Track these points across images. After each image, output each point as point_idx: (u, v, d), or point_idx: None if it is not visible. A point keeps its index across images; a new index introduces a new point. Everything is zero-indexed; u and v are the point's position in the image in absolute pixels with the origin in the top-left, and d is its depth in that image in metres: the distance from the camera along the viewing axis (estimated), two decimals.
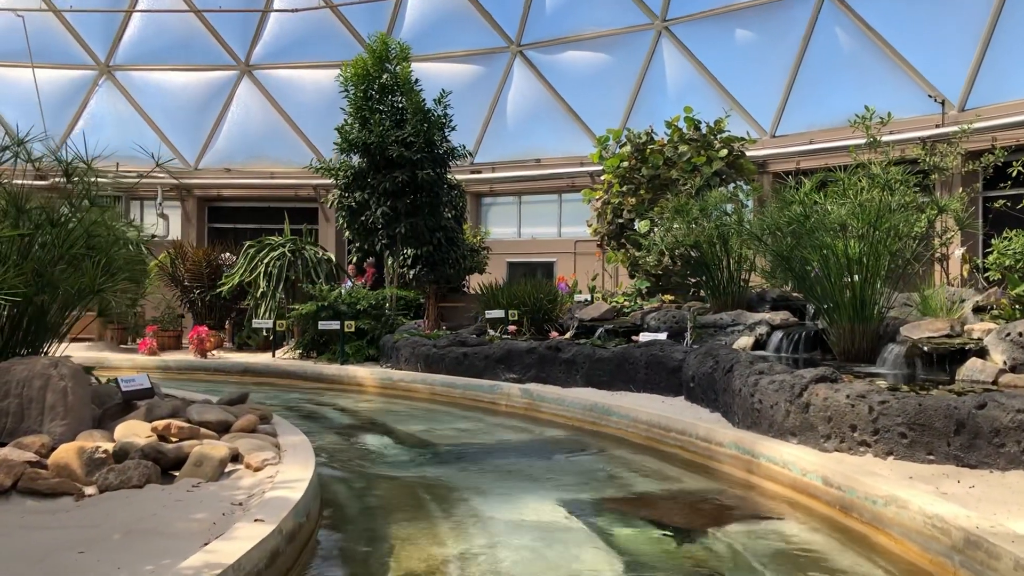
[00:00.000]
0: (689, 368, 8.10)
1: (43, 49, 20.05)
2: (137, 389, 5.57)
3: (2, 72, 20.56)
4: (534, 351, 9.71)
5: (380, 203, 13.26)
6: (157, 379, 12.43)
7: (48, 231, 5.93)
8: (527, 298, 12.59)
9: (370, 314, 12.42)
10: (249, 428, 5.56)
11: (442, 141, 13.78)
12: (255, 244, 14.20)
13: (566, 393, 8.59)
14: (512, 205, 20.22)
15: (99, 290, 5.90)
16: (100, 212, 6.44)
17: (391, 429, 8.13)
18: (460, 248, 15.00)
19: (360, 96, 13.54)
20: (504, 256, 19.21)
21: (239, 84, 20.88)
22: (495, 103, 19.75)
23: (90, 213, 6.32)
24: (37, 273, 5.65)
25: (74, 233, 6.06)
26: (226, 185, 20.96)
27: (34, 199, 6.49)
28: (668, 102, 17.20)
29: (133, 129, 21.11)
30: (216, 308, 14.86)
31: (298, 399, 10.27)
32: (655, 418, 7.11)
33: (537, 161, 19.32)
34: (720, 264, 11.22)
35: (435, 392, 10.02)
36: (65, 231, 6.01)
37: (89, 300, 6.18)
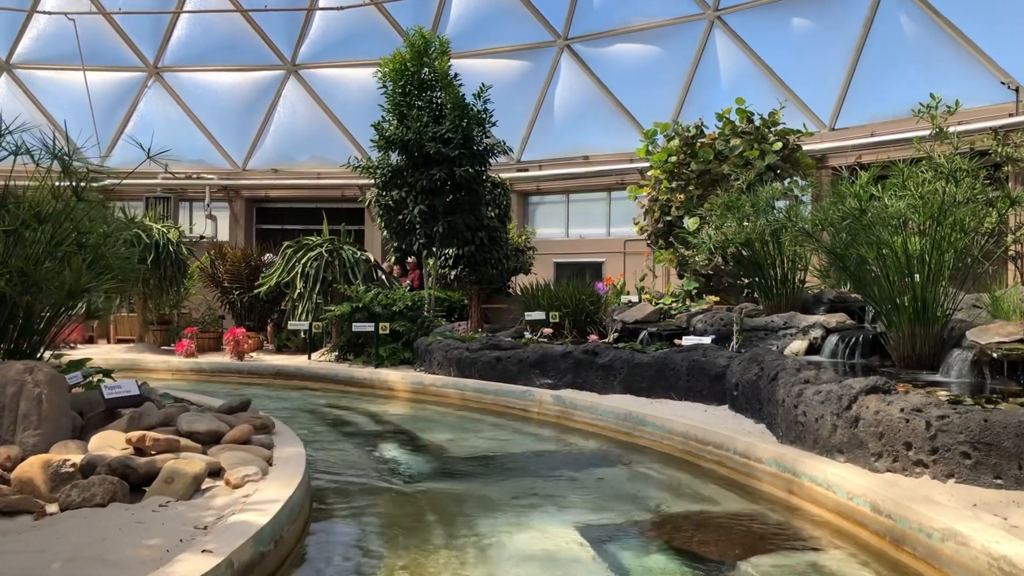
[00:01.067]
0: (733, 375, 7.49)
1: (93, 52, 20.17)
2: (123, 396, 5.21)
3: (55, 75, 20.74)
4: (569, 355, 9.19)
5: (417, 201, 12.86)
6: (187, 382, 12.28)
7: (34, 228, 5.60)
8: (569, 299, 12.08)
9: (405, 316, 12.02)
10: (242, 439, 5.16)
11: (482, 137, 13.33)
12: (293, 244, 13.93)
13: (600, 401, 8.05)
14: (560, 204, 19.67)
15: (83, 290, 5.55)
16: (88, 207, 6.01)
17: (414, 438, 7.69)
18: (503, 248, 14.53)
19: (398, 92, 13.18)
20: (551, 256, 18.69)
21: (285, 84, 20.75)
22: (542, 99, 19.24)
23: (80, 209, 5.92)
24: (22, 272, 5.32)
25: (62, 230, 5.72)
26: (273, 186, 20.86)
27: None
28: (721, 95, 16.47)
29: (182, 130, 21.17)
30: (256, 309, 14.64)
31: (325, 404, 9.91)
32: (691, 430, 6.53)
33: (585, 158, 18.75)
34: (773, 263, 10.56)
35: (466, 398, 9.56)
36: (52, 228, 5.67)
37: (79, 301, 5.85)
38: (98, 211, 6.29)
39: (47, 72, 20.77)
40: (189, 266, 15.25)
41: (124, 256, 6.07)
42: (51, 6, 20.00)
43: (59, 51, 20.27)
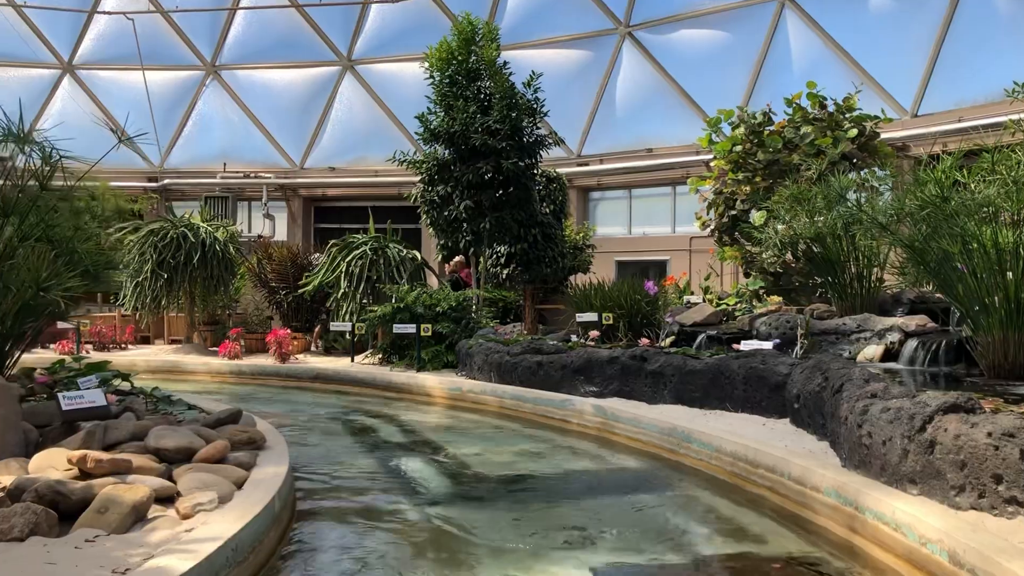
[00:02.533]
0: (794, 384, 6.63)
1: (152, 51, 20.13)
2: (84, 407, 4.67)
3: (116, 76, 20.79)
4: (616, 361, 8.41)
5: (464, 196, 12.23)
6: (226, 385, 11.88)
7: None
8: (623, 300, 11.28)
9: (449, 317, 11.39)
10: (215, 457, 4.57)
11: (532, 128, 12.62)
12: (338, 243, 13.45)
13: (645, 413, 7.26)
14: (622, 200, 18.81)
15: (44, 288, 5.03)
16: (54, 198, 5.50)
17: (439, 451, 7.02)
18: (559, 245, 13.77)
19: (445, 82, 12.57)
20: (613, 254, 17.86)
21: (342, 80, 20.38)
22: (602, 90, 18.40)
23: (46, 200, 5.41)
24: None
25: (27, 223, 5.22)
26: (330, 184, 20.52)
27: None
28: (793, 82, 15.36)
29: (240, 129, 21.04)
30: (303, 310, 14.21)
31: (356, 410, 9.35)
32: (740, 449, 5.70)
33: (649, 151, 17.85)
34: (846, 260, 9.60)
35: (504, 406, 8.86)
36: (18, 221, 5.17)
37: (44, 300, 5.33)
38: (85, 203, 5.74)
39: (108, 72, 20.83)
40: (237, 266, 14.93)
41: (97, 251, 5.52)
42: (110, 6, 20.03)
43: (119, 51, 20.29)
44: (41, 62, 20.55)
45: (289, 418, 8.73)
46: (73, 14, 20.12)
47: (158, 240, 13.94)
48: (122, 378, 8.17)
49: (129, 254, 14.27)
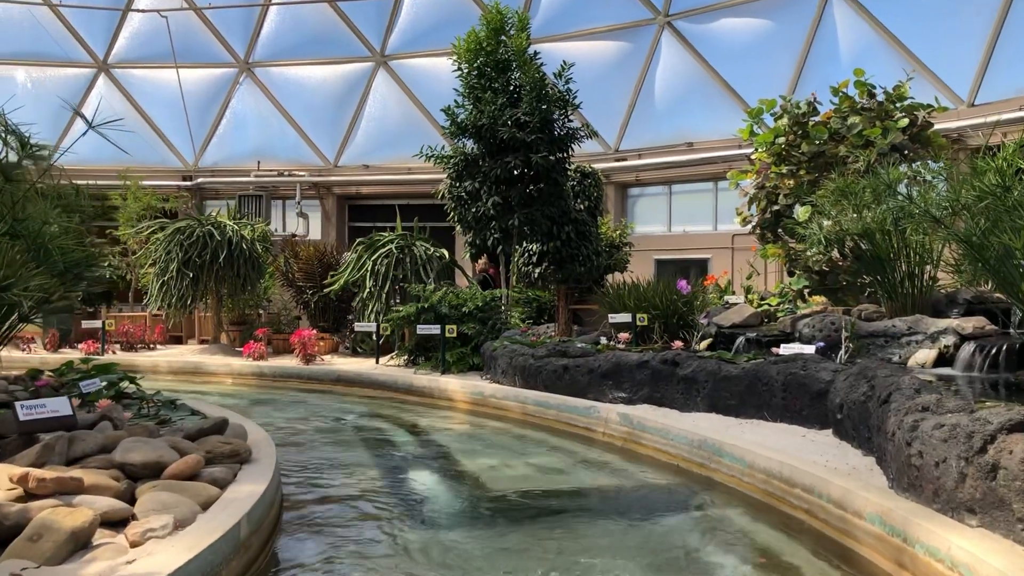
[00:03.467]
0: (837, 393, 6.05)
1: (186, 49, 19.98)
2: (45, 418, 4.28)
3: (150, 74, 20.69)
4: (646, 365, 7.88)
5: (491, 192, 11.75)
6: (247, 388, 11.56)
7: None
8: (659, 300, 10.71)
9: (475, 317, 10.93)
10: (186, 473, 4.15)
11: (564, 120, 12.09)
12: (364, 241, 13.08)
13: (674, 422, 6.71)
14: (661, 196, 18.17)
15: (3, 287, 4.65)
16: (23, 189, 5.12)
17: (453, 463, 6.56)
18: (594, 243, 13.22)
19: (473, 74, 12.10)
20: (652, 253, 17.25)
21: (375, 76, 20.02)
22: (641, 82, 17.78)
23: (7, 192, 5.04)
24: None
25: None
26: (364, 182, 20.18)
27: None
28: (840, 72, 14.62)
29: (274, 127, 20.80)
30: (330, 309, 13.87)
31: (373, 416, 8.95)
32: (775, 465, 5.14)
33: (689, 145, 17.20)
34: (897, 257, 8.93)
35: (527, 412, 8.38)
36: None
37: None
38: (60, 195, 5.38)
39: (142, 71, 20.73)
40: (266, 265, 14.64)
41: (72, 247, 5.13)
42: (144, 4, 19.92)
43: (153, 50, 20.18)
44: (76, 61, 20.52)
45: (300, 423, 8.35)
46: (107, 13, 20.05)
47: (184, 238, 13.71)
48: (129, 380, 7.87)
49: (155, 253, 14.08)
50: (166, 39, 19.65)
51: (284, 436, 7.55)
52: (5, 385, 7.65)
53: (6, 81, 20.52)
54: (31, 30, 19.71)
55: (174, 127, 20.81)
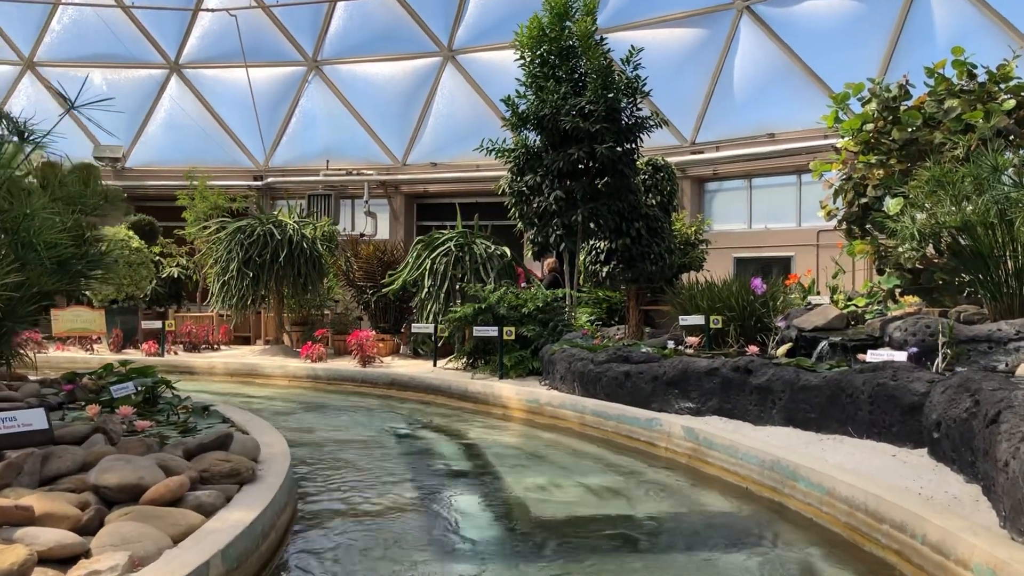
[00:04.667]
0: (934, 408, 5.22)
1: (255, 48, 19.92)
2: (16, 432, 3.81)
3: (220, 74, 20.69)
4: (716, 373, 7.13)
5: (554, 186, 11.11)
6: (301, 391, 11.17)
7: None
8: (735, 300, 9.92)
9: (535, 319, 10.31)
10: (166, 498, 3.63)
11: (632, 109, 11.37)
12: (423, 239, 12.58)
13: (743, 439, 5.95)
14: (741, 190, 17.21)
15: None
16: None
17: (499, 483, 5.90)
18: (666, 240, 12.48)
19: (536, 62, 11.49)
20: (731, 250, 16.34)
21: (443, 71, 19.58)
22: (718, 71, 16.86)
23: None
24: None
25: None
26: (431, 180, 19.76)
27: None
28: (936, 52, 13.44)
29: (343, 126, 20.59)
30: (391, 310, 13.42)
31: (421, 423, 8.40)
32: (860, 495, 4.37)
33: (770, 136, 16.22)
34: (1002, 253, 7.96)
35: (584, 423, 7.70)
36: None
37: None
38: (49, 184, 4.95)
39: (213, 71, 20.75)
40: (328, 264, 14.29)
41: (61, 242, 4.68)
42: (214, 3, 19.91)
43: (223, 49, 20.17)
44: (149, 62, 20.66)
45: (342, 431, 7.86)
46: (178, 13, 20.11)
47: (244, 237, 13.44)
48: (165, 384, 7.50)
49: (216, 252, 13.87)
50: (235, 38, 19.60)
51: (319, 447, 7.07)
52: (37, 388, 7.36)
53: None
54: (105, 32, 19.89)
55: (245, 127, 20.78)
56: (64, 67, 20.58)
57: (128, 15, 20.03)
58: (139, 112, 20.79)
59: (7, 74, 20.37)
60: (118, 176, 20.44)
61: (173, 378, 12.03)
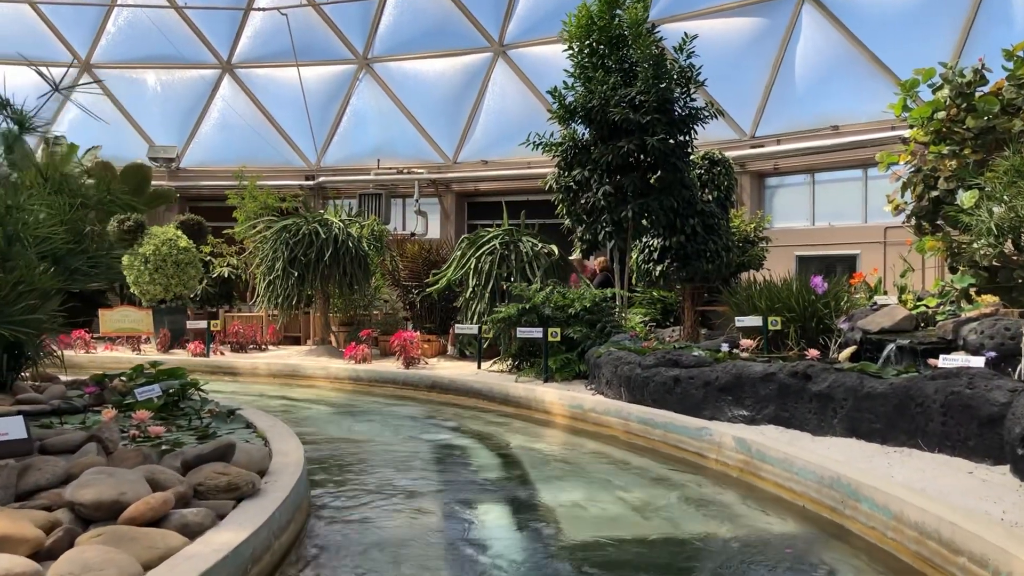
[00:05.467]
0: (1017, 420, 4.66)
1: (306, 46, 19.82)
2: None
3: (272, 73, 20.65)
4: (772, 378, 6.61)
5: (603, 181, 10.63)
6: (342, 394, 10.87)
7: None
8: (795, 300, 9.34)
9: (583, 319, 9.85)
10: (147, 517, 3.29)
11: (686, 100, 10.84)
12: (468, 237, 12.21)
13: (800, 452, 5.42)
14: (802, 186, 16.48)
15: None
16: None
17: (533, 498, 5.45)
18: (723, 238, 11.90)
19: (584, 52, 11.02)
20: (792, 248, 15.64)
21: (494, 67, 19.22)
22: (779, 62, 16.17)
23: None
24: None
25: None
26: (483, 178, 19.41)
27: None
28: (1015, 34, 12.72)
29: (393, 123, 20.38)
30: (436, 310, 13.08)
31: (459, 428, 8.01)
32: (932, 520, 3.84)
33: (834, 128, 15.48)
34: None
35: (630, 431, 7.23)
36: None
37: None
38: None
39: (265, 70, 20.72)
40: (374, 264, 14.02)
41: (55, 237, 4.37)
42: (265, 2, 19.85)
43: (275, 48, 20.12)
44: (202, 63, 20.71)
45: (374, 437, 7.52)
46: (230, 13, 20.11)
47: (290, 236, 13.23)
48: (192, 387, 7.26)
49: (262, 251, 13.72)
50: (287, 37, 19.51)
51: (346, 453, 6.75)
52: (63, 390, 7.17)
53: (138, 84, 20.96)
54: (159, 33, 19.99)
55: (296, 126, 20.71)
56: (119, 68, 20.76)
57: (181, 15, 20.09)
58: (192, 112, 20.86)
59: (65, 77, 20.59)
60: (172, 176, 20.54)
61: (215, 379, 11.97)
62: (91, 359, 12.89)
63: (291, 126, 20.76)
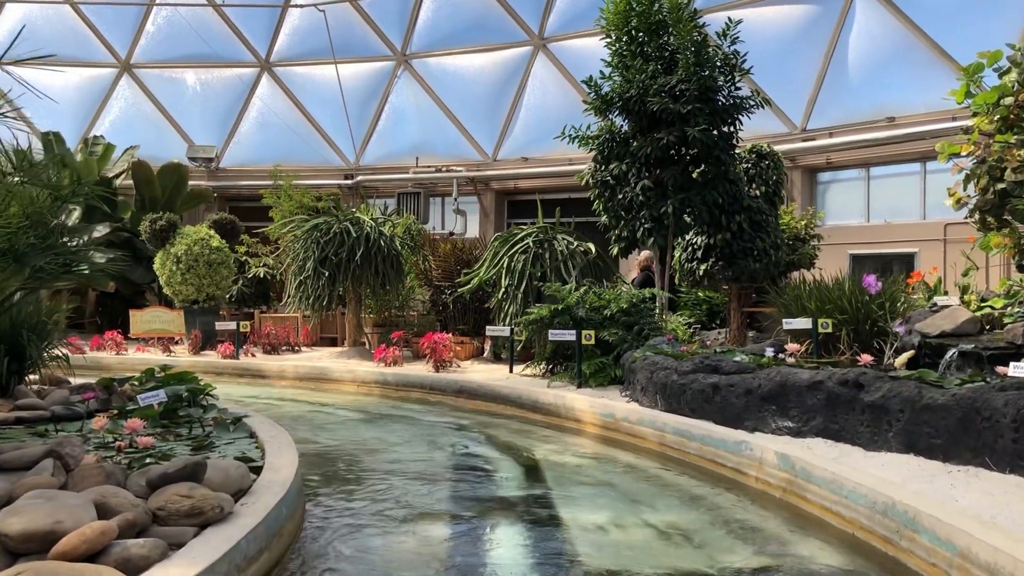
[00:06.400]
0: None
1: (344, 43, 19.54)
2: None
3: (310, 71, 20.41)
4: (820, 386, 6.01)
5: (641, 175, 10.07)
6: (371, 399, 10.44)
7: None
8: (848, 301, 8.69)
9: (619, 322, 9.30)
10: (80, 551, 2.86)
11: (730, 88, 10.23)
12: (501, 235, 11.74)
13: (851, 472, 4.83)
14: (857, 181, 15.69)
15: None
16: None
17: (552, 520, 4.92)
18: (771, 235, 11.27)
19: (623, 40, 10.48)
20: (845, 247, 14.88)
21: (533, 61, 18.71)
22: (831, 51, 15.39)
23: None
24: None
25: None
26: (523, 176, 18.90)
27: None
28: None
29: (432, 121, 19.99)
30: (470, 311, 12.62)
31: (483, 438, 7.54)
32: (1007, 561, 3.25)
33: (890, 120, 14.68)
34: None
35: (665, 443, 6.67)
36: None
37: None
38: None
39: (303, 68, 20.50)
40: (407, 264, 13.61)
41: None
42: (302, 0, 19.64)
43: (313, 46, 19.88)
44: (241, 61, 20.56)
45: (389, 448, 7.07)
46: (268, 11, 19.93)
47: (320, 235, 12.89)
48: (201, 392, 6.90)
49: (293, 250, 13.40)
50: (324, 34, 19.25)
51: (355, 466, 6.31)
52: (66, 395, 6.85)
53: (178, 84, 20.89)
54: (198, 33, 19.87)
55: (335, 125, 20.46)
56: (159, 68, 20.70)
57: (219, 14, 19.95)
58: (232, 112, 20.73)
59: (105, 77, 20.60)
60: (211, 176, 20.42)
61: (242, 382, 11.67)
62: (120, 361, 12.70)
63: (329, 124, 20.52)
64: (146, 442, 4.99)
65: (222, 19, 20.03)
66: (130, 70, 20.57)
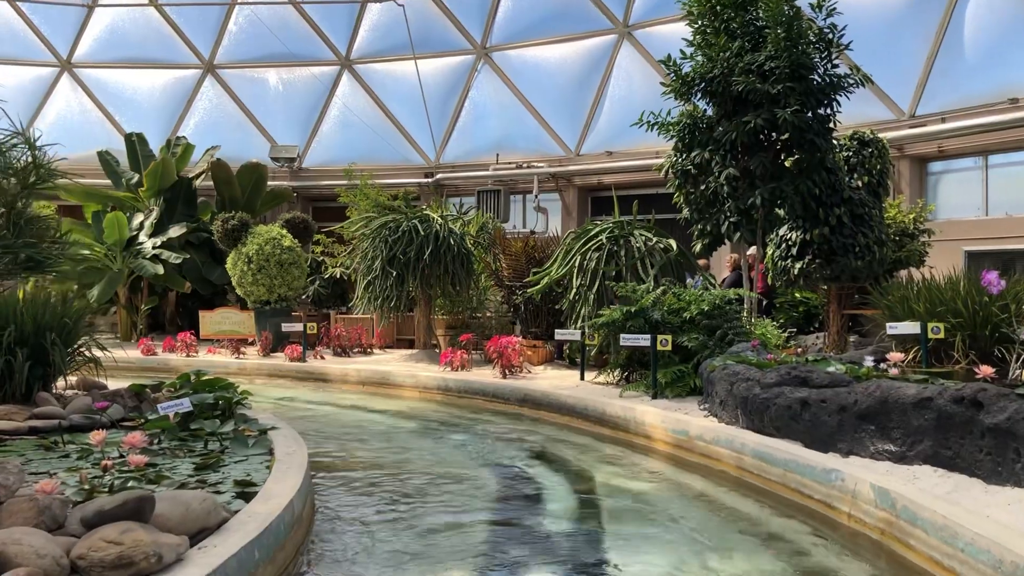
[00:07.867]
0: None
1: (423, 38, 19.05)
2: None
3: (390, 67, 20.01)
4: (928, 404, 5.02)
5: (726, 163, 9.12)
6: (431, 405, 9.78)
7: None
8: (961, 303, 7.57)
9: (700, 326, 8.38)
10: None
11: (827, 66, 9.18)
12: (574, 232, 10.94)
13: (968, 514, 3.87)
14: (974, 171, 14.23)
15: None
16: None
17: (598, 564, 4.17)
18: (875, 230, 10.15)
19: (705, 15, 9.55)
20: (960, 243, 13.48)
21: (618, 50, 17.79)
22: (943, 29, 13.98)
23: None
24: None
25: None
26: (606, 171, 17.98)
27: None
28: None
29: (513, 115, 19.33)
30: (542, 313, 11.84)
31: (540, 454, 6.78)
32: None
33: (1012, 102, 13.20)
34: None
35: (743, 466, 5.76)
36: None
37: None
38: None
39: (382, 64, 20.11)
40: (478, 262, 12.94)
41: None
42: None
43: (392, 42, 19.48)
44: (321, 60, 20.32)
45: (435, 464, 6.37)
46: (347, 7, 19.63)
47: (389, 234, 12.34)
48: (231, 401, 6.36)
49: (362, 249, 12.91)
50: (404, 29, 18.79)
51: (386, 490, 5.61)
52: (88, 404, 6.40)
53: (260, 84, 20.81)
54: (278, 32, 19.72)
55: (415, 122, 20.01)
56: (241, 68, 20.65)
57: (299, 11, 19.75)
58: (313, 111, 20.52)
59: (189, 78, 20.66)
60: (293, 176, 20.24)
61: (305, 387, 11.20)
62: (187, 363, 12.43)
63: (410, 122, 20.09)
64: (138, 461, 4.40)
65: (302, 17, 19.82)
66: (213, 71, 20.58)
